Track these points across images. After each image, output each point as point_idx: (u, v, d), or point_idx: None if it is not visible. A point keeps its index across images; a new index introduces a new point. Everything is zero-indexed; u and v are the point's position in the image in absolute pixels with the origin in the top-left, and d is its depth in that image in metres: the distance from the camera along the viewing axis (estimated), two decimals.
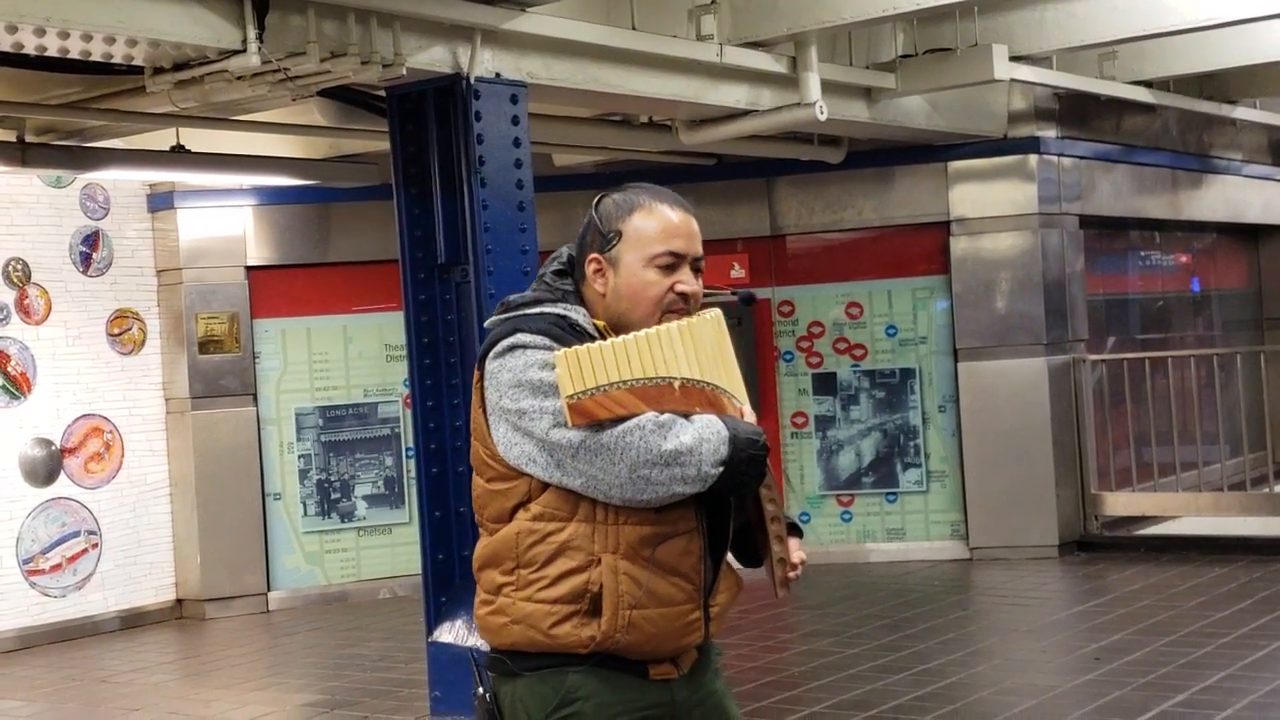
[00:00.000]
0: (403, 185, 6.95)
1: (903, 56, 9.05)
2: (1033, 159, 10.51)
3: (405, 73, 6.42)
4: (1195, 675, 6.83)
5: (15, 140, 8.08)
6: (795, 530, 2.91)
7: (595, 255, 2.86)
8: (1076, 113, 10.87)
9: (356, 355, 10.58)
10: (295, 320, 10.47)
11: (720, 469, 2.67)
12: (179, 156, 8.88)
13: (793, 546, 2.87)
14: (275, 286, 10.42)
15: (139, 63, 6.24)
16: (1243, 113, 12.42)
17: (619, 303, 2.84)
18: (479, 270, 6.62)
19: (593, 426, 2.65)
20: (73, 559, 9.68)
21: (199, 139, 8.85)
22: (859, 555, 10.75)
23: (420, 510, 7.05)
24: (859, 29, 8.53)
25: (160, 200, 10.21)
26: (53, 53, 5.87)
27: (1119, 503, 10.76)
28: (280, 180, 9.91)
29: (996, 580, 9.81)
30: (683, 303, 2.83)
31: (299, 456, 10.42)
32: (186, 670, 8.75)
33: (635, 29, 7.38)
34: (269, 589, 10.30)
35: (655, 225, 2.83)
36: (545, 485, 2.73)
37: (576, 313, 2.83)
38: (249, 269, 10.35)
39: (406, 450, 10.37)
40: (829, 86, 8.38)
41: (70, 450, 9.71)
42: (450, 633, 6.78)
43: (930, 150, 10.51)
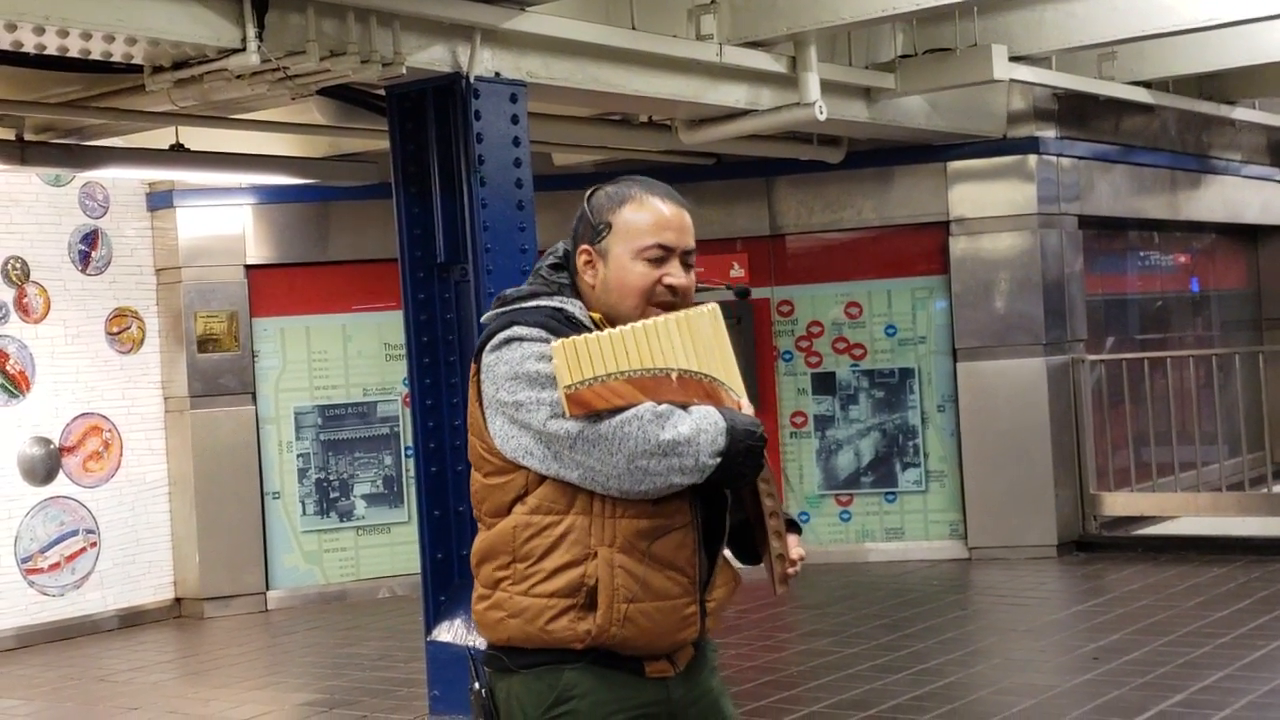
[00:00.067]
0: (402, 184, 6.95)
1: (902, 56, 9.06)
2: (1032, 159, 10.51)
3: (405, 72, 6.43)
4: (1193, 675, 6.83)
5: (14, 138, 8.07)
6: (794, 527, 2.91)
7: (586, 247, 2.88)
8: (1076, 113, 10.87)
9: (356, 354, 10.58)
10: (294, 319, 10.47)
11: (718, 460, 2.67)
12: (178, 155, 8.88)
13: (791, 543, 2.87)
14: (274, 285, 10.41)
15: (138, 61, 6.24)
16: (1241, 113, 12.42)
17: (608, 294, 2.85)
18: (478, 269, 6.62)
19: (590, 417, 2.65)
20: (71, 558, 9.67)
21: (198, 138, 8.84)
22: (858, 555, 10.75)
23: (419, 509, 7.05)
24: (858, 29, 8.53)
25: (159, 199, 10.20)
26: (52, 51, 5.87)
27: (1118, 503, 10.75)
28: (279, 179, 9.91)
29: (995, 580, 9.81)
30: (671, 295, 2.82)
31: (298, 455, 10.41)
32: (185, 669, 8.75)
33: (635, 28, 7.38)
34: (268, 588, 10.30)
35: (645, 218, 2.83)
36: (542, 479, 2.73)
37: (572, 305, 2.84)
38: (248, 268, 10.34)
39: (406, 449, 10.36)
40: (828, 86, 8.38)
41: (69, 449, 9.71)
42: (449, 632, 6.78)
43: (929, 150, 10.51)
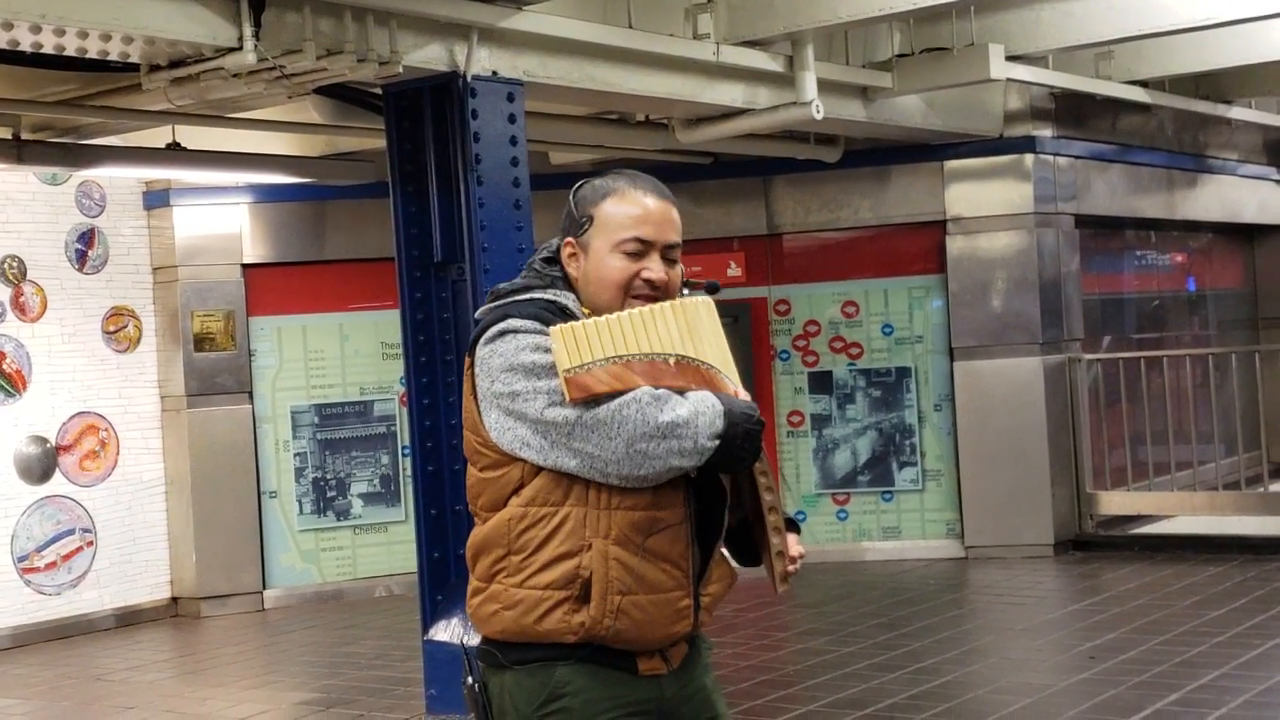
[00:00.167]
0: (399, 183, 6.95)
1: (899, 56, 9.06)
2: (1029, 158, 10.52)
3: (401, 71, 6.43)
4: (1190, 674, 6.83)
5: (11, 137, 8.07)
6: (792, 526, 2.92)
7: (569, 239, 2.89)
8: (1072, 112, 10.88)
9: (352, 353, 10.57)
10: (291, 318, 10.46)
11: (716, 442, 2.67)
12: (175, 154, 8.87)
13: (791, 541, 2.87)
14: (271, 284, 10.41)
15: (135, 60, 6.24)
16: (1238, 112, 12.43)
17: (588, 286, 2.85)
18: (475, 268, 6.63)
19: (588, 403, 2.66)
20: (68, 557, 9.67)
21: (195, 136, 8.84)
22: (855, 554, 10.76)
23: (416, 508, 7.05)
24: (855, 28, 8.54)
25: (156, 198, 10.19)
26: (49, 50, 5.87)
27: (1114, 502, 10.76)
28: (276, 178, 9.90)
29: (992, 579, 9.81)
30: (649, 289, 2.82)
31: (295, 455, 10.41)
32: (182, 668, 8.75)
33: (632, 28, 7.39)
34: (264, 587, 10.29)
35: (625, 211, 2.83)
36: (537, 471, 2.73)
37: (566, 298, 2.85)
38: (245, 267, 10.34)
39: (403, 448, 10.36)
40: (825, 85, 8.39)
41: (65, 448, 9.70)
42: (446, 631, 6.78)
43: (926, 149, 10.51)
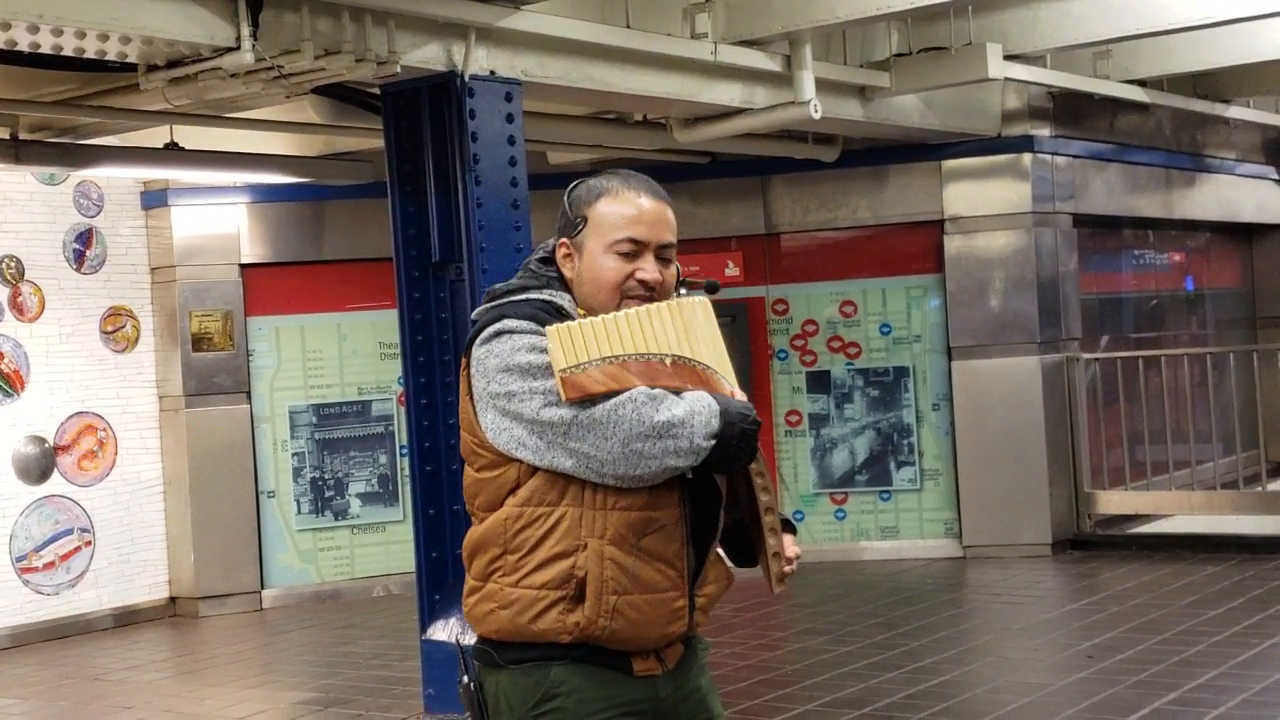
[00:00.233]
0: (397, 183, 6.95)
1: (897, 55, 9.06)
2: (1026, 158, 10.52)
3: (399, 70, 6.42)
4: (1187, 673, 6.84)
5: (9, 137, 8.06)
6: (789, 527, 2.91)
7: (564, 240, 2.88)
8: (1070, 111, 10.88)
9: (350, 353, 10.58)
10: (289, 318, 10.46)
11: (712, 442, 2.66)
12: (173, 154, 8.87)
13: (787, 542, 2.86)
14: (269, 284, 10.40)
15: (133, 60, 6.23)
16: (1236, 112, 12.43)
17: (582, 287, 2.85)
18: (473, 268, 6.63)
19: (583, 402, 2.66)
20: (66, 557, 9.66)
21: (193, 136, 8.83)
22: (853, 553, 10.76)
23: (414, 508, 7.05)
24: (853, 28, 8.54)
25: (154, 198, 10.19)
26: (46, 50, 5.87)
27: (1112, 501, 10.76)
28: (274, 178, 9.90)
29: (990, 578, 9.82)
30: (644, 290, 2.81)
31: (293, 454, 10.40)
32: (180, 668, 8.74)
33: (630, 27, 7.39)
34: (263, 587, 10.29)
35: (618, 212, 2.83)
36: (533, 471, 2.73)
37: (561, 298, 2.84)
38: (243, 267, 10.34)
39: (400, 448, 10.36)
40: (823, 85, 8.39)
41: (63, 448, 9.70)
42: (444, 630, 6.78)
43: (924, 149, 10.51)
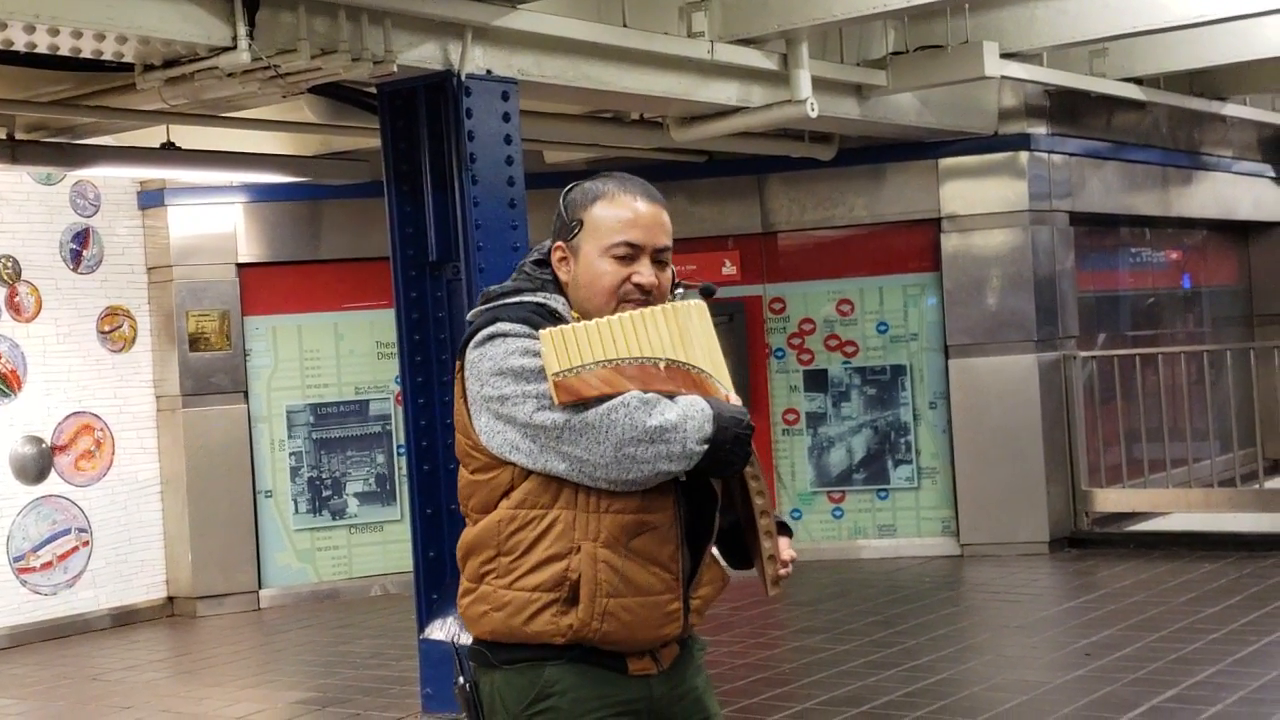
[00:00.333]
0: (394, 182, 6.95)
1: (893, 53, 9.06)
2: (1023, 156, 10.52)
3: (396, 70, 6.42)
4: (1185, 671, 6.84)
5: (5, 137, 8.06)
6: (784, 529, 2.90)
7: (559, 243, 2.88)
8: (1067, 109, 10.88)
9: (348, 352, 10.57)
10: (286, 317, 10.46)
11: (705, 447, 2.66)
12: (170, 153, 8.86)
13: (782, 545, 2.86)
14: (266, 284, 10.40)
15: (129, 60, 6.23)
16: (1233, 109, 12.43)
17: (578, 291, 2.85)
18: (470, 267, 6.62)
19: (577, 406, 2.66)
20: (63, 557, 9.66)
21: (189, 136, 8.83)
22: (850, 552, 10.76)
23: (412, 507, 7.06)
24: (850, 26, 8.54)
25: (151, 197, 10.18)
26: (43, 50, 5.86)
27: (1109, 499, 10.77)
28: (271, 177, 9.89)
29: (987, 576, 9.82)
30: (640, 294, 2.81)
31: (290, 454, 10.40)
32: (178, 668, 8.74)
33: (626, 26, 7.38)
34: (260, 586, 10.29)
35: (614, 215, 2.82)
36: (527, 474, 2.73)
37: (556, 301, 2.84)
38: (240, 266, 10.33)
39: (398, 447, 10.36)
40: (820, 83, 8.38)
41: (61, 448, 9.69)
42: (442, 630, 6.78)
43: (921, 147, 10.52)
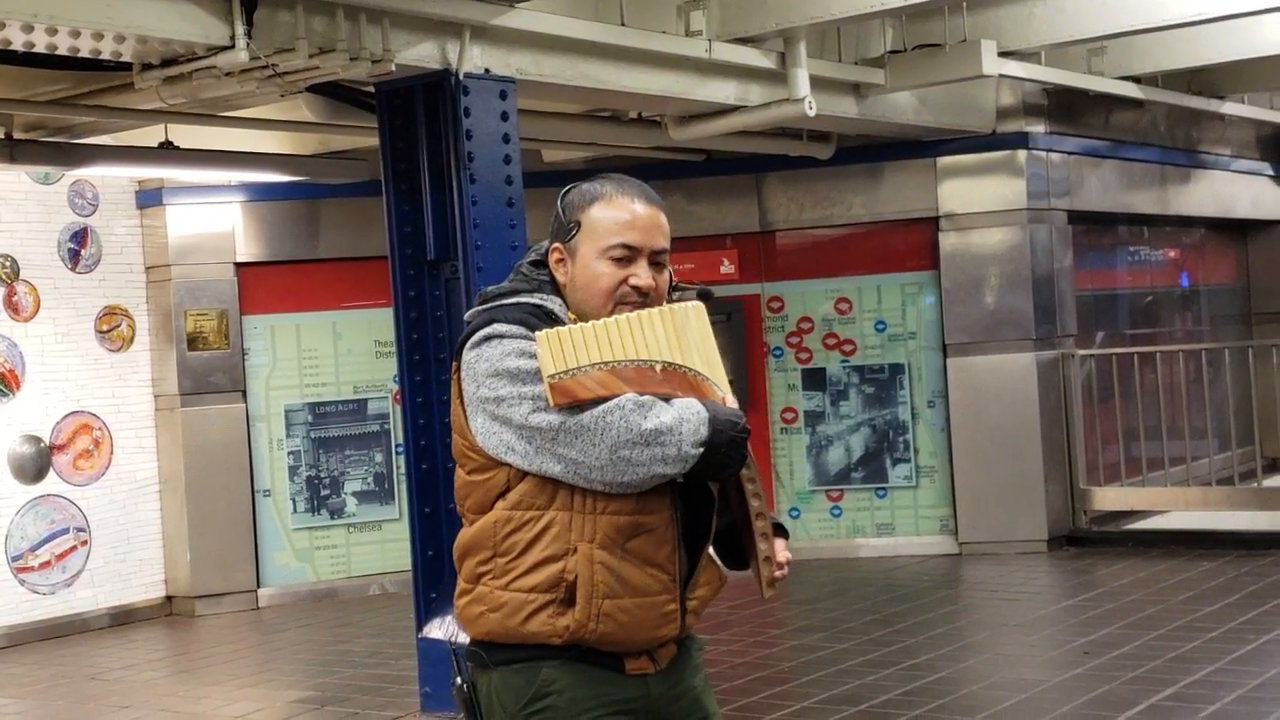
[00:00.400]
0: (392, 181, 6.95)
1: (891, 52, 9.06)
2: (1021, 154, 10.52)
3: (394, 69, 6.42)
4: (1184, 669, 6.85)
5: (3, 137, 8.06)
6: (780, 531, 2.90)
7: (557, 245, 2.88)
8: (1065, 108, 10.88)
9: (346, 351, 10.57)
10: (284, 317, 10.46)
11: (700, 450, 2.66)
12: (168, 153, 8.86)
13: (778, 546, 2.85)
14: (264, 283, 10.40)
15: (127, 59, 6.23)
16: (1231, 108, 12.43)
17: (575, 292, 2.85)
18: (468, 266, 6.62)
19: (572, 408, 2.66)
20: (62, 556, 9.66)
21: (187, 135, 8.83)
22: (848, 550, 10.76)
23: (410, 506, 7.06)
24: (848, 25, 8.54)
25: (149, 197, 10.18)
26: (41, 49, 5.86)
27: (1108, 497, 10.77)
28: (269, 176, 9.89)
29: (986, 575, 9.82)
30: (637, 296, 2.81)
31: (289, 453, 10.40)
32: (176, 667, 8.74)
33: (624, 25, 7.38)
34: (259, 586, 10.29)
35: (612, 217, 2.82)
36: (523, 475, 2.73)
37: (552, 302, 2.84)
38: (238, 265, 10.33)
39: (396, 446, 10.36)
40: (818, 82, 8.38)
41: (59, 447, 9.69)
42: (440, 629, 6.78)
43: (919, 146, 10.51)
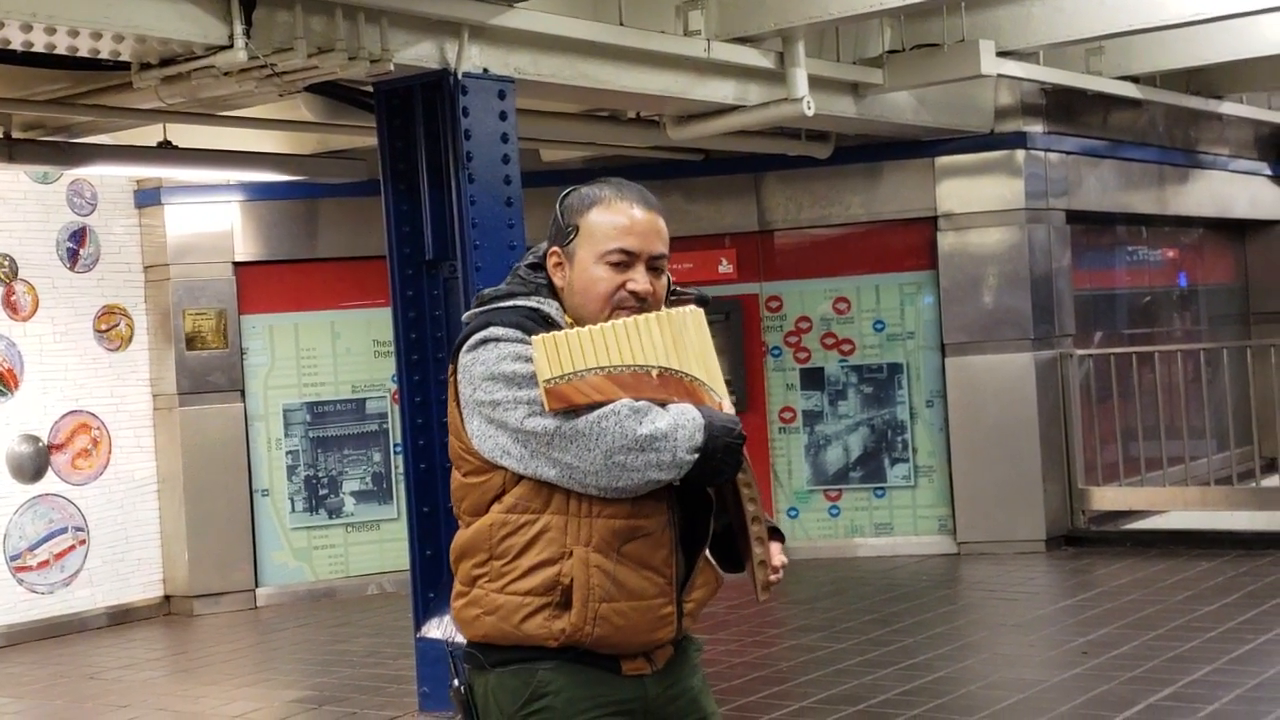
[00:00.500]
0: (390, 181, 6.95)
1: (890, 52, 9.06)
2: (1020, 154, 10.52)
3: (393, 68, 6.42)
4: (1182, 669, 6.85)
5: (2, 136, 8.06)
6: (777, 534, 2.89)
7: (555, 249, 2.88)
8: (1063, 108, 10.88)
9: (344, 351, 10.57)
10: (283, 316, 10.46)
11: (695, 456, 2.66)
12: (166, 152, 8.87)
13: (774, 550, 2.85)
14: (263, 282, 10.40)
15: (126, 59, 6.23)
16: (1229, 108, 12.44)
17: (573, 297, 2.85)
18: (467, 266, 6.63)
19: (568, 413, 2.65)
20: (60, 555, 9.66)
21: (186, 135, 8.83)
22: (847, 550, 10.76)
23: (408, 506, 7.06)
24: (846, 24, 8.54)
25: (147, 196, 10.18)
26: (39, 49, 5.86)
27: (1106, 497, 10.77)
28: (268, 176, 9.89)
29: (984, 575, 9.83)
30: (634, 301, 2.81)
31: (287, 453, 10.40)
32: (175, 666, 8.74)
33: (623, 24, 7.38)
34: (257, 585, 10.29)
35: (610, 222, 2.82)
36: (519, 478, 2.73)
37: (549, 306, 2.84)
38: (236, 265, 10.33)
39: (395, 446, 10.36)
40: (816, 82, 8.38)
41: (58, 446, 9.69)
42: (438, 629, 6.78)
43: (917, 146, 10.51)
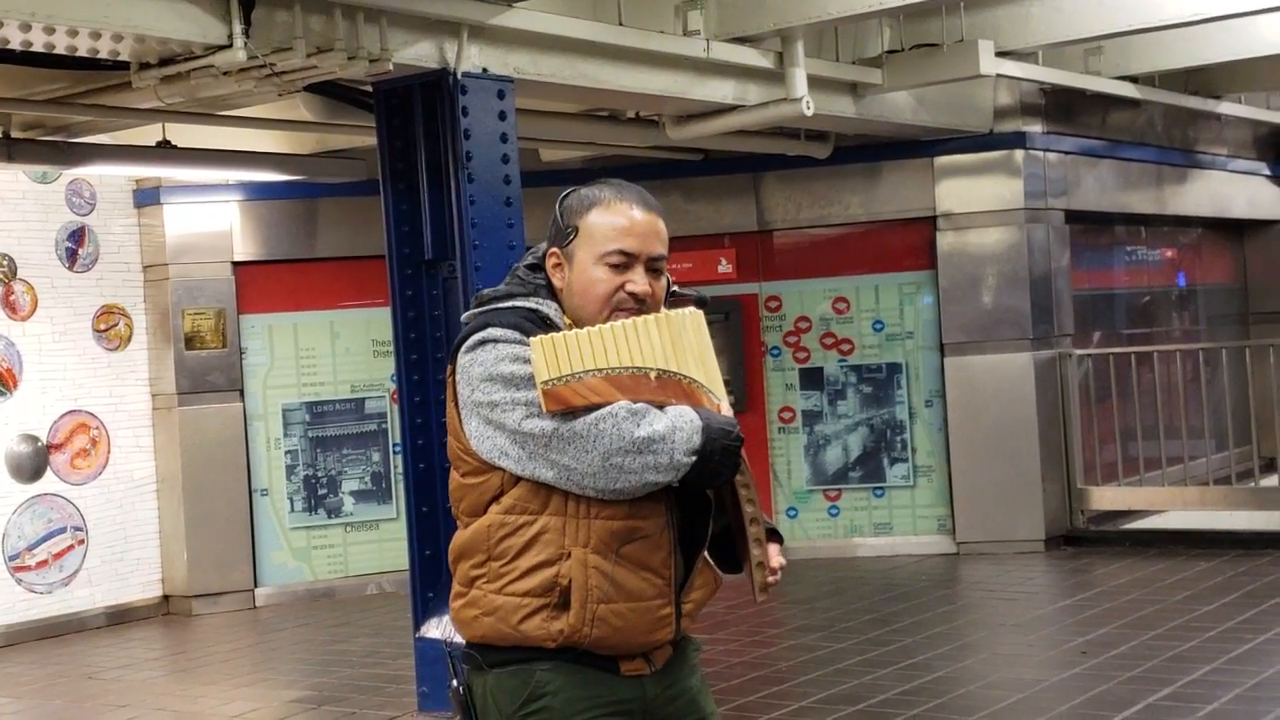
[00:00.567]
0: (389, 181, 6.95)
1: (889, 52, 9.06)
2: (1019, 154, 10.53)
3: (392, 68, 6.42)
4: (1181, 669, 6.85)
5: (1, 135, 8.06)
6: (775, 536, 2.89)
7: (554, 250, 2.88)
8: (1062, 108, 10.89)
9: (343, 351, 10.57)
10: (282, 316, 10.45)
11: (693, 458, 2.66)
12: (165, 152, 8.87)
13: (772, 552, 2.84)
14: (262, 282, 10.39)
15: (125, 58, 6.23)
16: (1228, 108, 12.44)
17: (572, 298, 2.85)
18: (466, 266, 6.63)
19: (565, 415, 2.66)
20: (59, 555, 9.65)
21: (185, 134, 8.83)
22: (846, 550, 10.76)
23: (407, 506, 7.07)
24: (845, 24, 8.54)
25: (146, 196, 10.18)
26: (39, 48, 5.86)
27: (1105, 497, 10.77)
28: (267, 176, 9.89)
29: (983, 574, 9.83)
30: (633, 302, 2.81)
31: (286, 452, 10.40)
32: (174, 666, 8.74)
33: (622, 24, 7.38)
34: (256, 585, 10.29)
35: (609, 223, 2.82)
36: (517, 479, 2.73)
37: (548, 307, 2.84)
38: (235, 264, 10.32)
39: (394, 446, 10.36)
40: (815, 82, 8.39)
41: (57, 446, 9.69)
42: (437, 628, 6.79)
43: (916, 145, 10.52)
